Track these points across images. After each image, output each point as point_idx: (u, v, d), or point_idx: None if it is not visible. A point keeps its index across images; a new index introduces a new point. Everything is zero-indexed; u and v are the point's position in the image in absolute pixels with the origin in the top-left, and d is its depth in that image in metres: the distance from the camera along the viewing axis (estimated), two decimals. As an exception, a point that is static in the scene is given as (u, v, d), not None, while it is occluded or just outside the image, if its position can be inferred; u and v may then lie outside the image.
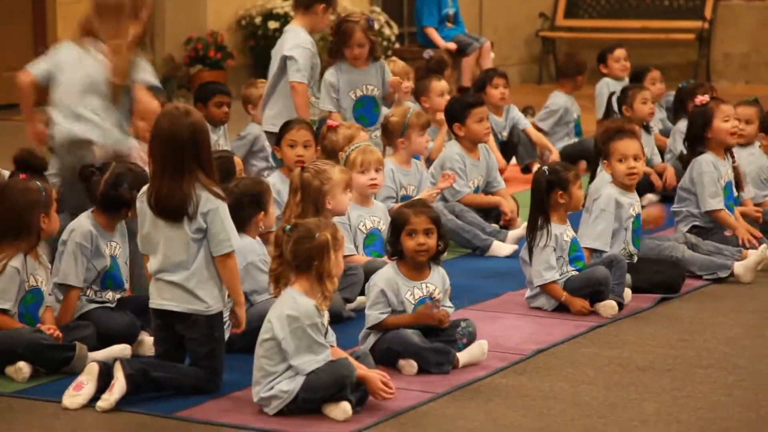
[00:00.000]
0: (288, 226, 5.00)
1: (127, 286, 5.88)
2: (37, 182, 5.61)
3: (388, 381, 4.98)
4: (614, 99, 9.20)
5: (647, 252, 6.82)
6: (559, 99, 10.19)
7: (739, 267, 6.83)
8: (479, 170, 7.98)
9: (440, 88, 9.06)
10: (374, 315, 5.46)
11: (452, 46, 12.98)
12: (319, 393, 4.87)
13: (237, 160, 6.57)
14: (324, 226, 4.99)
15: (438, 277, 5.59)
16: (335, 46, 8.11)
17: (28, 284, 5.51)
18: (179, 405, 5.05)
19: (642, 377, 5.39)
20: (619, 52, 10.57)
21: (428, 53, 10.26)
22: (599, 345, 5.83)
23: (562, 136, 10.11)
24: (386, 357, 5.43)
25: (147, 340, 5.61)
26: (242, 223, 5.65)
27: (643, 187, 8.78)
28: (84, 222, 5.75)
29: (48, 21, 12.88)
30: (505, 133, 9.67)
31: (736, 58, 15.62)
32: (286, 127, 7.22)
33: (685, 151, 7.52)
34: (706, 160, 7.15)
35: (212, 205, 5.06)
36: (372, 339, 5.49)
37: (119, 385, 4.98)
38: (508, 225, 7.89)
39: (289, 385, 4.89)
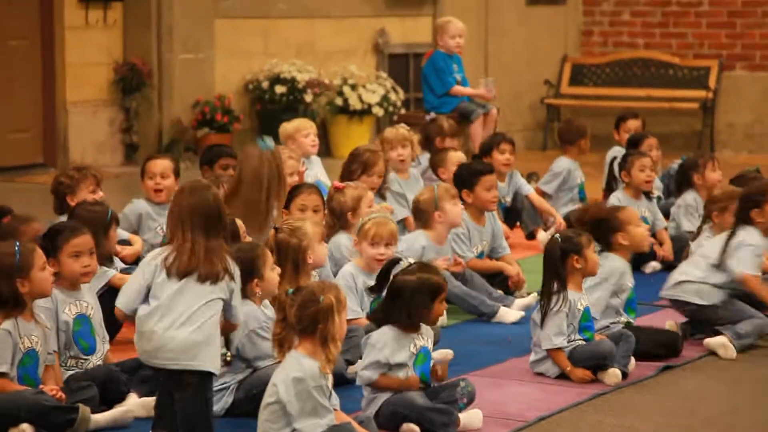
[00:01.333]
0: (291, 290, 5.02)
1: (102, 348, 5.84)
2: (15, 244, 5.49)
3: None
4: (615, 165, 9.25)
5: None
6: (563, 162, 10.25)
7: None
8: (484, 236, 8.01)
9: (457, 158, 9.08)
10: (366, 376, 5.47)
11: (485, 92, 12.99)
12: None
13: (240, 223, 6.62)
14: (327, 288, 4.99)
15: (425, 330, 5.60)
16: (353, 171, 8.27)
17: (23, 346, 5.46)
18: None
19: (645, 446, 5.38)
20: (632, 123, 10.64)
21: (430, 116, 10.34)
22: (603, 413, 5.82)
23: (566, 201, 10.15)
24: (391, 420, 5.42)
25: (134, 398, 5.61)
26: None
27: (646, 255, 8.81)
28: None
29: (57, 83, 12.99)
30: (508, 199, 9.72)
31: (740, 127, 15.71)
32: (296, 190, 7.28)
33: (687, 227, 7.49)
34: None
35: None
36: (376, 403, 5.48)
37: None
38: (515, 287, 7.91)
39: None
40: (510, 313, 7.46)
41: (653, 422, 5.68)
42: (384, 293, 5.62)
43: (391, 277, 5.54)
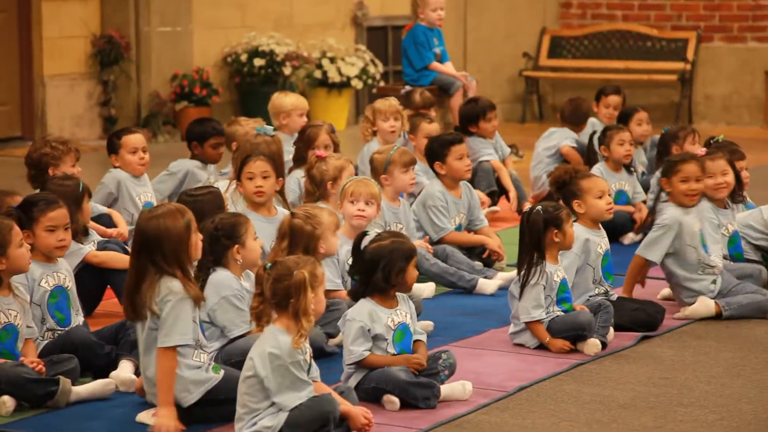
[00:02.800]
0: (269, 264, 5.03)
1: (77, 320, 5.84)
2: None
3: (370, 418, 5.00)
4: (595, 139, 9.27)
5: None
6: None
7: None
8: (461, 208, 8.03)
9: (428, 130, 9.09)
10: (358, 351, 5.48)
11: (464, 78, 12.99)
12: (302, 428, 4.89)
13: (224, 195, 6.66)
14: (303, 263, 5.00)
15: (405, 304, 5.64)
16: (299, 151, 8.23)
17: (0, 321, 5.46)
18: (163, 439, 5.06)
19: (623, 415, 5.42)
20: (612, 99, 10.59)
21: (405, 89, 10.35)
22: (581, 382, 5.87)
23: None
24: (372, 395, 5.45)
25: (122, 374, 5.62)
26: (218, 257, 5.68)
27: (624, 227, 8.85)
28: None
29: (34, 56, 12.93)
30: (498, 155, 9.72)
31: (718, 99, 15.76)
32: (245, 161, 7.18)
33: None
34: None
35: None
36: (356, 377, 5.51)
37: None
38: (496, 259, 7.95)
39: (272, 421, 4.90)
40: (489, 284, 7.49)
41: (631, 391, 5.73)
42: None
43: (362, 247, 5.55)
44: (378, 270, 5.49)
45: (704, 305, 6.87)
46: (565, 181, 6.76)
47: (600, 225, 6.80)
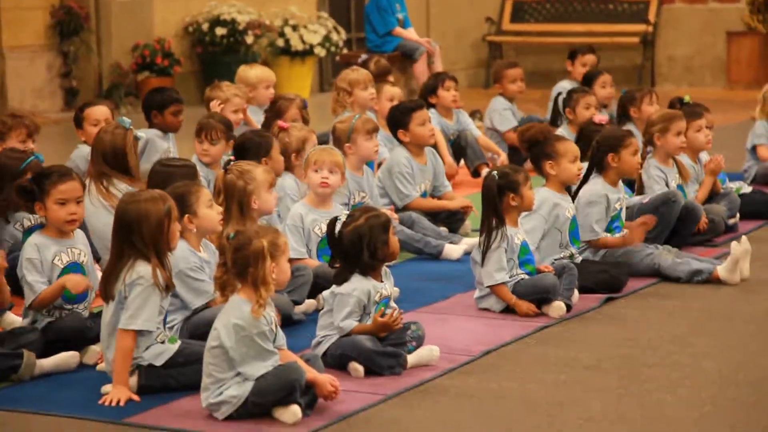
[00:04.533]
0: (232, 234, 5.02)
1: (91, 295, 5.77)
2: None
3: (337, 385, 5.01)
4: (560, 100, 9.29)
5: (628, 259, 6.91)
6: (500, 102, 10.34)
7: (722, 270, 6.83)
8: (427, 174, 8.03)
9: (390, 93, 9.10)
10: (350, 325, 5.49)
11: (428, 44, 12.98)
12: (268, 397, 4.89)
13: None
14: (264, 232, 4.99)
15: (387, 278, 5.66)
16: (268, 121, 8.18)
17: None
18: (129, 411, 5.06)
19: (589, 376, 5.45)
20: (588, 58, 10.63)
21: (362, 57, 10.33)
22: (546, 345, 5.89)
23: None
24: (339, 362, 5.46)
25: (94, 348, 5.60)
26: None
27: None
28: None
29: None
30: (455, 131, 9.74)
31: (680, 60, 15.81)
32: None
33: None
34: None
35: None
36: (324, 345, 5.51)
37: None
38: (465, 213, 7.98)
39: (238, 390, 4.90)
40: (455, 250, 7.50)
41: (596, 352, 5.76)
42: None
43: (337, 233, 5.54)
44: (363, 250, 5.48)
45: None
46: (538, 141, 6.77)
47: (565, 189, 6.83)
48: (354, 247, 5.48)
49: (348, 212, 5.60)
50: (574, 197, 6.98)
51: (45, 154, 7.91)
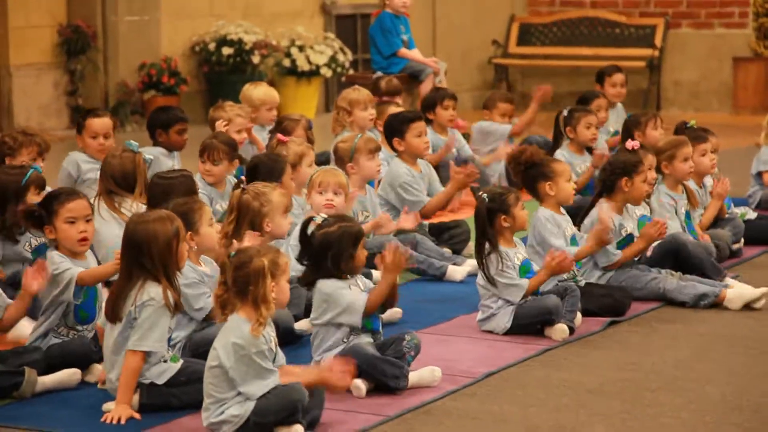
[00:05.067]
0: (233, 253, 5.02)
1: (98, 319, 5.74)
2: None
3: (342, 366, 4.94)
4: (561, 119, 9.26)
5: (633, 283, 6.89)
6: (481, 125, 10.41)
7: (732, 293, 6.83)
8: (424, 180, 8.15)
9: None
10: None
11: (434, 63, 13.01)
12: (269, 417, 4.88)
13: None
14: (265, 251, 4.99)
15: (358, 278, 5.69)
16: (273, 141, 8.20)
17: None
18: (130, 429, 5.04)
19: (591, 400, 5.44)
20: (618, 77, 10.65)
21: (376, 75, 10.35)
22: (549, 368, 5.88)
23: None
24: None
25: (97, 367, 5.59)
26: None
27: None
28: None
29: (0, 46, 12.83)
30: (455, 151, 9.69)
31: (686, 85, 15.81)
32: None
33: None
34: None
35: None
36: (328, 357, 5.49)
37: None
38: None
39: (239, 410, 4.89)
40: (458, 271, 7.50)
41: (599, 376, 5.74)
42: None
43: (309, 233, 5.55)
44: (327, 257, 5.49)
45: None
46: (534, 163, 6.77)
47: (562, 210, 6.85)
48: (320, 253, 5.50)
49: (324, 216, 5.60)
50: (579, 223, 6.98)
51: (50, 172, 7.92)
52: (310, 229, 5.54)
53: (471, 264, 7.57)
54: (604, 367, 5.88)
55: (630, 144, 7.16)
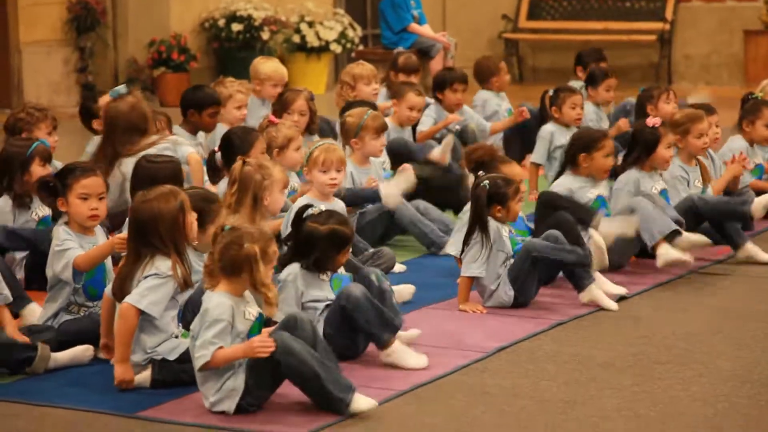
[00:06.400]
0: (227, 227, 5.04)
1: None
2: None
3: (261, 338, 4.90)
4: (547, 98, 9.21)
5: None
6: (480, 95, 10.39)
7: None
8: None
9: (413, 102, 8.96)
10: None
11: (444, 39, 12.97)
12: (260, 370, 4.89)
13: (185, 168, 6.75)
14: (258, 238, 5.00)
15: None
16: (275, 113, 8.18)
17: None
18: (142, 404, 5.07)
19: (602, 374, 5.44)
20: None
21: (398, 50, 10.33)
22: (560, 342, 5.89)
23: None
24: (346, 326, 5.48)
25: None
26: None
27: None
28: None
29: (10, 23, 12.83)
30: (458, 127, 9.65)
31: (697, 59, 15.75)
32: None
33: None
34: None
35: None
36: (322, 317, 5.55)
37: None
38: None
39: (233, 383, 4.92)
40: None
41: (610, 350, 5.75)
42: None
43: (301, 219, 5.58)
44: (310, 251, 5.52)
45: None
46: (484, 162, 6.80)
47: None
48: (305, 245, 5.53)
49: (322, 209, 5.61)
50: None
51: (62, 149, 7.95)
52: (305, 213, 5.57)
53: None
54: (614, 341, 5.89)
55: (651, 121, 7.27)
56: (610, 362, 5.59)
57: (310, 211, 5.61)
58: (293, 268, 5.56)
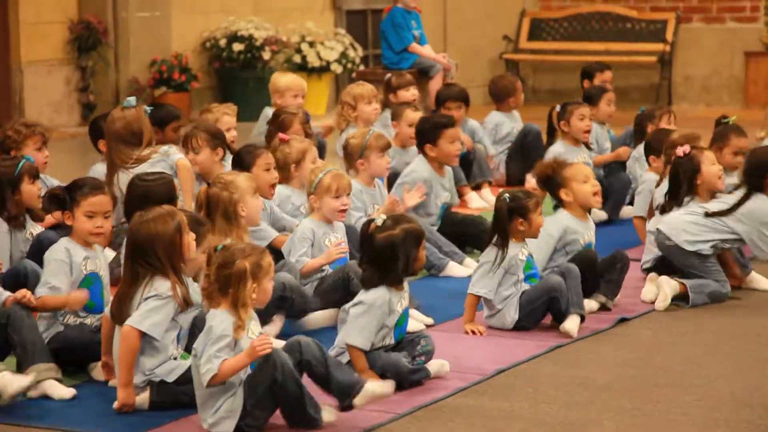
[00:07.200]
0: (220, 246, 5.04)
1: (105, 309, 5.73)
2: None
3: (260, 339, 4.91)
4: (554, 115, 9.24)
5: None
6: (494, 117, 10.37)
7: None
8: (446, 187, 8.11)
9: (411, 118, 9.00)
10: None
11: (444, 60, 13.01)
12: (260, 388, 4.88)
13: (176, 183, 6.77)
14: (249, 252, 5.00)
15: (407, 288, 5.68)
16: (270, 134, 8.19)
17: None
18: (140, 426, 5.06)
19: (601, 396, 5.44)
20: (607, 75, 10.56)
21: (388, 76, 10.37)
22: (559, 364, 5.88)
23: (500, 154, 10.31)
24: None
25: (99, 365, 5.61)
26: None
27: None
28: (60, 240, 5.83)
29: (11, 42, 12.87)
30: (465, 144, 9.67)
31: (697, 80, 15.79)
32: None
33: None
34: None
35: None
36: (346, 357, 5.48)
37: None
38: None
39: (232, 404, 4.92)
40: (459, 269, 7.50)
41: (609, 373, 5.75)
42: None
43: (369, 234, 5.53)
44: (396, 259, 5.46)
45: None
46: (548, 175, 6.80)
47: (589, 216, 6.83)
48: (387, 256, 5.47)
49: (384, 216, 5.59)
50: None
51: (62, 168, 7.96)
52: (371, 229, 5.51)
53: (469, 264, 7.55)
54: (613, 364, 5.88)
55: (680, 150, 7.11)
56: (610, 385, 5.58)
57: (372, 225, 5.54)
58: (381, 293, 5.47)
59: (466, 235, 7.98)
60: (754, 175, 6.99)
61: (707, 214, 6.91)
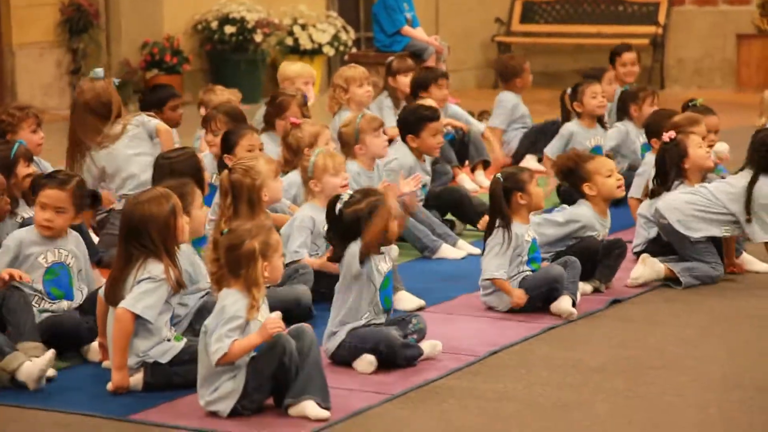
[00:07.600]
0: (225, 230, 5.04)
1: (77, 298, 5.79)
2: None
3: (272, 319, 4.92)
4: (566, 97, 9.25)
5: None
6: (507, 96, 10.35)
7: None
8: (427, 170, 8.12)
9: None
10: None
11: (437, 42, 12.99)
12: (265, 372, 4.89)
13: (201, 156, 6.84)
14: (256, 231, 5.01)
15: (388, 253, 5.68)
16: (268, 116, 8.16)
17: None
18: (135, 408, 5.07)
19: (595, 378, 5.45)
20: (627, 57, 10.51)
21: (390, 59, 10.34)
22: (552, 346, 5.89)
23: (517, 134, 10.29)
24: (353, 353, 5.46)
25: (94, 346, 5.61)
26: None
27: None
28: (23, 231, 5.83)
29: (2, 25, 12.82)
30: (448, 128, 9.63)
31: (690, 63, 15.78)
32: (239, 132, 7.29)
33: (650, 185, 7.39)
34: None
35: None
36: (340, 336, 5.51)
37: None
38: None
39: (232, 385, 4.92)
40: (452, 251, 7.49)
41: (602, 354, 5.76)
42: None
43: (337, 211, 5.54)
44: (360, 232, 5.46)
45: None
46: (570, 168, 6.79)
47: (608, 213, 6.82)
48: (352, 229, 5.48)
49: (350, 192, 5.60)
50: None
51: (53, 151, 7.94)
52: (338, 207, 5.51)
53: (462, 246, 7.55)
54: (607, 346, 5.89)
55: (666, 136, 7.13)
56: (603, 366, 5.59)
57: (340, 201, 5.52)
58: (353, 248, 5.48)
59: (445, 204, 7.99)
60: (764, 156, 6.92)
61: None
